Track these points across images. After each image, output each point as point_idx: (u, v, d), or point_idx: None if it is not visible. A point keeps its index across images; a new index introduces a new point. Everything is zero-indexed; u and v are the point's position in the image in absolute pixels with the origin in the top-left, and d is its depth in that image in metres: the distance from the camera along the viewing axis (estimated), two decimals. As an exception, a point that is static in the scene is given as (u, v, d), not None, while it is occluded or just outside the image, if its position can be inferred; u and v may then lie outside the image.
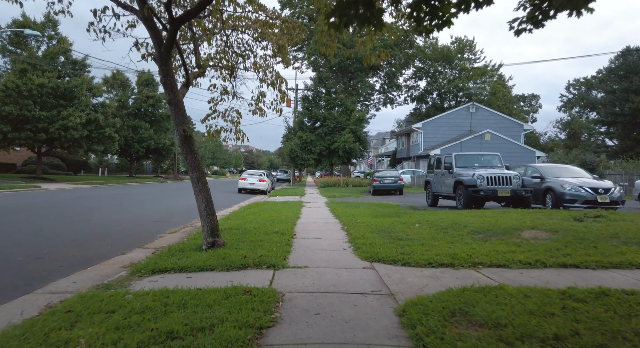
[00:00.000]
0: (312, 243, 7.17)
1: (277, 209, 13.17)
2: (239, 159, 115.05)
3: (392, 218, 10.19)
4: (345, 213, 11.57)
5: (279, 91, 8.33)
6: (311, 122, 40.62)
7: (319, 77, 40.03)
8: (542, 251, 5.75)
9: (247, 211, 12.47)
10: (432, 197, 14.96)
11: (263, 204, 15.45)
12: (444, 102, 53.37)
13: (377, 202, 17.29)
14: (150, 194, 21.65)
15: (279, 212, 12.14)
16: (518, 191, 11.55)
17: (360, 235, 7.60)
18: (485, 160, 13.31)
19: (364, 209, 12.83)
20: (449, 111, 38.99)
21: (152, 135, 43.75)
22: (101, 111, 30.62)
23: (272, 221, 9.64)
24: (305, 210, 13.36)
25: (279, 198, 20.52)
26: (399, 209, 13.10)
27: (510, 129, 35.85)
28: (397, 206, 15.43)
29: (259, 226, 8.64)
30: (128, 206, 15.02)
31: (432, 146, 37.32)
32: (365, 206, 14.23)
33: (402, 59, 45.76)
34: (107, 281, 4.77)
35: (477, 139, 33.90)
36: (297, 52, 48.92)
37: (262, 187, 25.15)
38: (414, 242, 6.70)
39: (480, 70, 49.77)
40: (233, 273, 5.08)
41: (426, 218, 9.79)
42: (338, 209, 12.93)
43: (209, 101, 8.76)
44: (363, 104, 47.96)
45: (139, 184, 32.87)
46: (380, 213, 11.61)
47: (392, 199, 20.34)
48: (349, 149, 37.02)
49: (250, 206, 14.52)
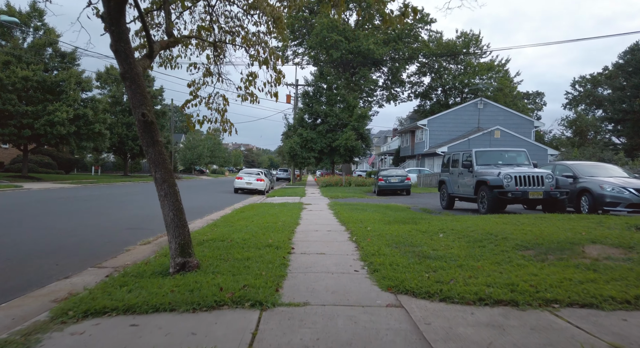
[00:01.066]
0: (315, 261, 5.60)
1: (274, 212, 11.60)
2: (239, 157, 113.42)
3: (407, 225, 8.62)
4: (351, 218, 10.00)
5: (274, 70, 6.77)
6: (312, 119, 39.04)
7: (320, 72, 38.42)
8: (633, 279, 4.18)
9: (239, 216, 10.90)
10: (447, 199, 13.38)
11: (259, 207, 13.89)
12: (448, 99, 51.72)
13: (384, 204, 15.72)
14: (138, 195, 20.09)
15: (275, 216, 10.58)
16: (552, 192, 9.96)
17: (375, 250, 6.03)
18: (510, 157, 11.73)
19: (373, 213, 11.26)
20: (456, 107, 37.38)
21: (146, 132, 42.12)
22: (90, 106, 29.01)
23: (267, 229, 8.08)
24: (306, 214, 11.78)
25: (278, 199, 18.95)
26: (412, 214, 11.52)
27: (520, 126, 34.25)
28: (407, 208, 13.86)
29: (249, 237, 7.07)
30: (107, 209, 13.45)
31: (439, 143, 35.72)
32: (373, 209, 12.66)
33: (406, 54, 44.11)
34: (7, 334, 3.19)
35: (486, 136, 32.29)
36: (297, 47, 47.35)
37: (259, 187, 23.59)
38: (448, 262, 5.12)
39: (487, 65, 48.09)
40: (201, 316, 3.51)
41: (449, 226, 8.21)
42: (343, 213, 11.36)
43: (189, 84, 7.23)
44: (365, 101, 46.36)
45: (131, 184, 31.31)
46: (392, 218, 10.04)
47: (400, 200, 18.77)
48: (351, 147, 35.46)
49: (245, 209, 12.95)
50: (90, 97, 29.54)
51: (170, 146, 47.80)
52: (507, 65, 49.40)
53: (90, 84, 30.03)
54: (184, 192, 20.13)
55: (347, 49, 39.29)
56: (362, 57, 40.63)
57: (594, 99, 73.20)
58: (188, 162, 69.87)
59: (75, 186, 24.80)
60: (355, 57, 40.80)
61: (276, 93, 6.90)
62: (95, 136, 29.16)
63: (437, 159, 35.12)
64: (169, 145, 47.70)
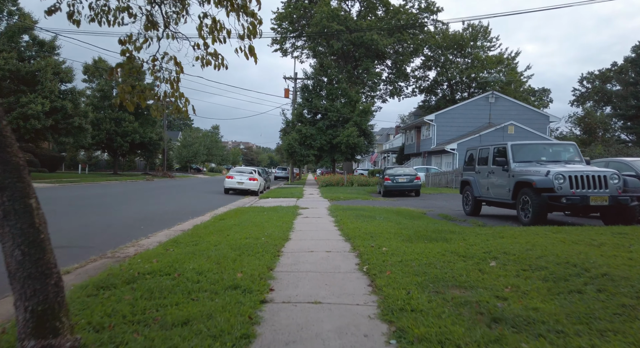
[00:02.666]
0: (303, 324, 3.27)
1: (261, 221, 9.28)
2: (237, 156, 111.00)
3: (436, 244, 6.30)
4: (359, 231, 7.69)
5: (247, 14, 4.44)
6: (311, 115, 36.71)
7: (320, 64, 36.05)
8: None
9: (215, 226, 8.58)
10: (472, 203, 11.03)
11: (245, 212, 11.57)
12: (455, 94, 49.35)
13: (394, 207, 13.40)
14: (115, 196, 17.77)
15: (260, 227, 8.27)
16: (621, 198, 7.61)
17: (402, 297, 3.69)
18: (555, 152, 9.38)
19: (384, 223, 8.94)
20: (466, 102, 35.03)
21: (136, 128, 39.82)
22: (70, 99, 26.64)
23: (242, 251, 5.78)
24: (301, 223, 9.46)
25: (271, 201, 16.64)
26: (432, 222, 9.21)
27: (534, 122, 31.89)
28: (423, 214, 11.53)
29: (209, 268, 4.76)
30: (58, 216, 11.12)
31: (447, 140, 33.37)
32: (383, 216, 10.34)
33: (411, 46, 41.68)
34: None
35: (499, 132, 29.94)
36: (296, 40, 44.90)
37: (252, 187, 21.27)
38: (548, 337, 2.80)
39: (496, 58, 45.70)
40: None
41: (496, 245, 5.90)
42: (346, 222, 9.04)
43: (122, 40, 4.98)
44: (368, 96, 43.99)
45: (116, 183, 29.00)
46: (411, 229, 7.72)
47: (410, 202, 16.44)
48: (352, 145, 33.14)
49: (227, 215, 10.63)
50: (69, 89, 27.17)
51: (162, 143, 45.51)
52: (516, 58, 46.99)
53: (71, 74, 27.69)
54: (168, 192, 17.12)
55: (349, 39, 36.93)
56: (365, 48, 38.26)
57: (603, 96, 71.09)
58: (184, 160, 67.53)
59: (49, 186, 22.49)
60: (358, 48, 38.43)
61: (252, 50, 4.53)
62: (75, 130, 26.82)
63: (446, 156, 32.77)
64: (161, 142, 45.39)
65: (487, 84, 44.61)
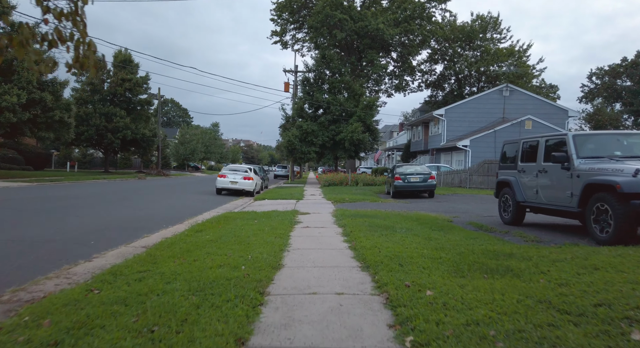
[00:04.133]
0: None
1: (247, 234, 7.15)
2: (237, 153, 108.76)
3: (503, 281, 4.16)
4: (379, 252, 5.55)
5: None
6: (312, 109, 34.52)
7: (322, 55, 33.80)
8: None
9: (184, 244, 6.42)
10: (513, 209, 8.84)
11: (232, 219, 9.43)
12: (463, 88, 47.08)
13: (410, 212, 11.27)
14: (89, 198, 15.64)
15: (245, 245, 6.15)
16: None
17: None
18: (632, 145, 7.18)
19: (410, 237, 6.81)
20: (478, 95, 32.79)
21: (128, 124, 37.64)
22: (50, 90, 24.47)
23: (206, 294, 3.69)
24: (299, 237, 7.32)
25: (267, 204, 14.51)
26: (472, 238, 7.06)
27: (552, 116, 29.66)
28: (449, 223, 9.39)
29: (131, 345, 2.61)
30: (2, 224, 8.98)
31: (458, 136, 31.17)
32: (404, 226, 8.21)
33: (418, 38, 39.38)
34: None
35: (515, 127, 27.73)
36: (296, 31, 42.64)
37: (247, 187, 19.12)
38: None
39: (507, 51, 43.38)
40: None
41: (605, 287, 3.77)
42: (360, 237, 6.91)
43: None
44: (372, 91, 41.77)
45: (103, 183, 26.89)
46: (454, 251, 5.60)
47: (427, 205, 14.28)
48: (356, 141, 30.98)
49: (206, 226, 8.47)
50: (50, 80, 24.99)
51: (156, 140, 43.37)
52: (528, 51, 44.68)
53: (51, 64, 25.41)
54: (154, 192, 14.34)
55: (353, 29, 34.68)
56: (370, 39, 36.03)
57: (613, 91, 69.06)
58: (181, 158, 65.41)
59: (23, 186, 20.37)
60: (362, 39, 36.19)
61: None
62: (56, 125, 24.68)
63: (457, 154, 30.60)
64: (155, 139, 43.27)
65: (498, 77, 42.31)
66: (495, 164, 24.68)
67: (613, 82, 68.29)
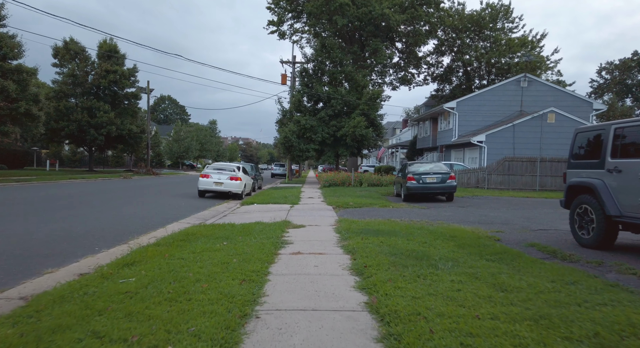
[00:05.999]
0: None
1: (197, 277, 4.40)
2: (235, 151, 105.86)
3: None
4: (425, 322, 2.81)
5: None
6: (312, 103, 31.73)
7: (322, 44, 30.97)
8: None
9: (76, 301, 3.65)
10: (601, 226, 6.06)
11: (193, 240, 6.67)
12: (472, 81, 44.24)
13: (438, 225, 8.53)
14: (37, 202, 12.89)
15: (179, 309, 3.39)
16: None
17: None
18: None
19: (467, 283, 4.06)
20: (493, 86, 29.96)
21: (112, 119, 34.85)
22: (14, 79, 21.67)
23: None
24: (281, 276, 4.57)
25: (254, 210, 11.76)
26: (568, 280, 4.30)
27: (575, 109, 26.86)
28: (498, 243, 6.64)
29: None
30: None
31: (471, 131, 28.40)
32: (445, 256, 5.49)
33: (425, 27, 36.54)
34: None
35: (536, 120, 24.95)
36: (294, 21, 39.76)
37: (234, 188, 16.36)
38: None
39: (520, 41, 40.49)
40: None
41: None
42: (384, 283, 4.16)
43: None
44: (375, 84, 38.93)
45: (81, 183, 24.12)
46: (561, 321, 2.84)
47: (451, 213, 11.50)
48: (359, 137, 28.21)
49: (149, 252, 5.69)
50: (14, 67, 22.12)
51: (144, 136, 40.58)
52: (542, 41, 41.81)
53: (20, 50, 22.70)
54: (128, 195, 10.91)
55: (356, 15, 31.85)
56: (374, 26, 33.20)
57: (623, 86, 66.58)
58: (175, 156, 62.60)
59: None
60: (365, 26, 33.34)
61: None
62: (22, 118, 21.91)
63: (470, 150, 27.82)
64: (144, 135, 40.48)
65: (510, 68, 39.44)
66: (518, 162, 21.92)
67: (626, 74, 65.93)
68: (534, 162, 21.58)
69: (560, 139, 24.75)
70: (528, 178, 21.57)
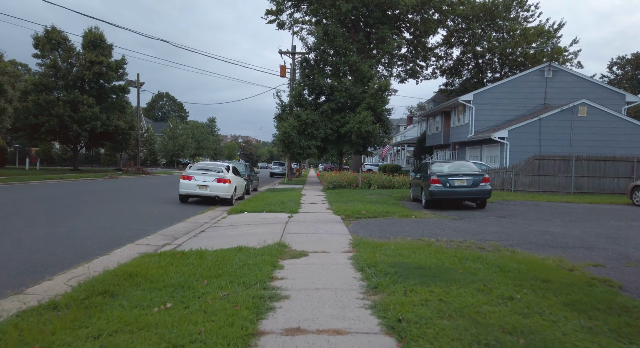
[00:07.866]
0: None
1: None
2: (234, 150, 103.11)
3: None
4: None
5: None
6: (313, 96, 29.02)
7: (325, 32, 28.22)
8: None
9: None
10: None
11: (129, 289, 3.96)
12: (484, 75, 41.51)
13: (486, 246, 5.92)
14: None
15: None
16: None
17: None
18: None
19: None
20: (512, 77, 27.20)
21: (97, 114, 32.17)
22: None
23: None
24: None
25: (241, 223, 9.06)
26: None
27: (606, 102, 24.14)
28: (622, 294, 3.89)
29: None
30: None
31: (489, 126, 25.69)
32: (561, 339, 2.76)
33: (435, 14, 33.80)
34: None
35: (566, 114, 22.24)
36: (294, 10, 36.97)
37: (221, 192, 13.67)
38: None
39: (536, 30, 37.72)
40: None
41: None
42: None
43: None
44: (381, 76, 36.20)
45: (52, 184, 21.49)
46: None
47: (496, 227, 8.78)
48: (365, 133, 25.51)
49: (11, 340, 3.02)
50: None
51: (133, 133, 37.90)
52: (560, 30, 39.02)
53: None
54: (97, 199, 7.31)
55: (361, 0, 29.11)
56: (381, 11, 30.47)
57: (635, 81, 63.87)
58: (169, 154, 59.93)
59: None
60: (372, 12, 30.61)
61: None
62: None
63: (488, 148, 25.13)
64: (133, 132, 37.81)
65: (527, 58, 36.67)
66: (549, 160, 19.20)
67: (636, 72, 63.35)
68: (568, 161, 18.88)
69: (593, 135, 22.07)
70: (561, 179, 18.88)
